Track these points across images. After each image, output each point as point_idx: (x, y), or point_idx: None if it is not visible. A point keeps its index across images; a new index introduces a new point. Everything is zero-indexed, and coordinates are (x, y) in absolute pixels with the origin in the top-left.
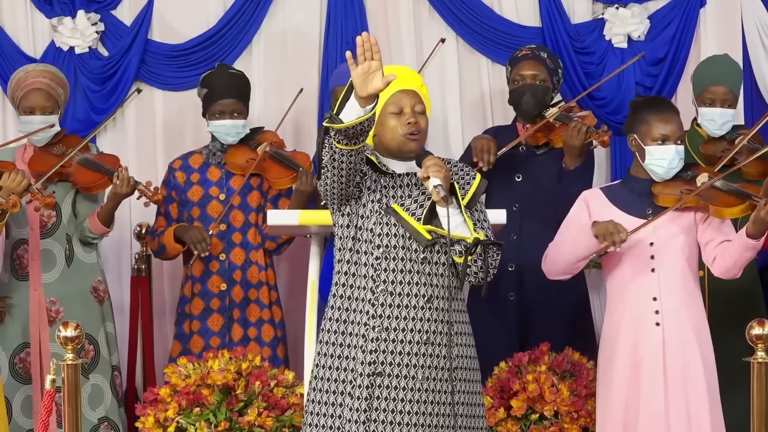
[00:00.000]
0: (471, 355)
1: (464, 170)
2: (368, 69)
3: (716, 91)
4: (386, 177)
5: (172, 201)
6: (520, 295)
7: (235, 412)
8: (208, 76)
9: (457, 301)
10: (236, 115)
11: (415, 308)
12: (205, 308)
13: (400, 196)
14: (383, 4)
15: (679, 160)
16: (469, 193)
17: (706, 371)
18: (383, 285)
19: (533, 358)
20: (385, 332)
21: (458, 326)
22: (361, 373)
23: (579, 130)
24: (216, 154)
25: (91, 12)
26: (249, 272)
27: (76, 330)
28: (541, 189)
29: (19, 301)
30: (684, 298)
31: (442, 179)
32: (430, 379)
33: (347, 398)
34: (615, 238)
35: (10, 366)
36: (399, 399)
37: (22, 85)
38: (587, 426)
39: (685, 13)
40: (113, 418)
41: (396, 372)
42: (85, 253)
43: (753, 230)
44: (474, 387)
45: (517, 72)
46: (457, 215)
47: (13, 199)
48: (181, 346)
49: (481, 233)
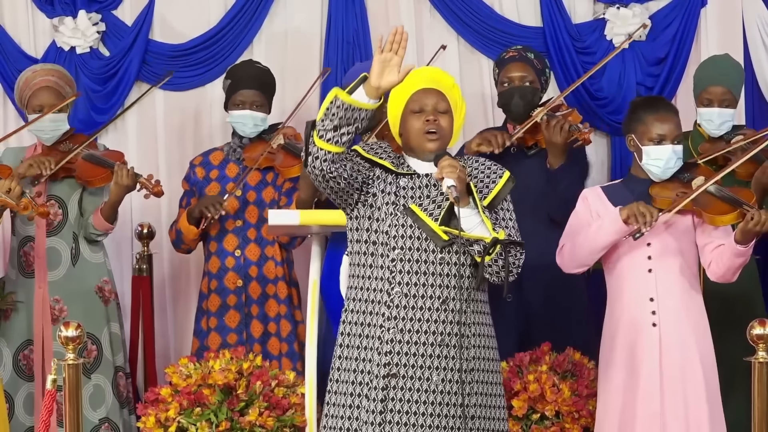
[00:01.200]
0: (490, 357)
1: (491, 168)
2: (389, 59)
3: (714, 91)
4: (405, 178)
5: (192, 195)
6: (520, 295)
7: (236, 412)
8: (234, 67)
9: (476, 302)
10: (256, 107)
11: (429, 310)
12: (221, 305)
13: (419, 197)
14: (384, 4)
15: (676, 160)
16: (493, 192)
17: (705, 372)
18: (398, 287)
19: (534, 357)
20: (399, 334)
21: (477, 327)
22: (376, 374)
23: (559, 127)
24: (236, 150)
25: (92, 12)
26: (265, 268)
27: (77, 330)
28: (532, 190)
29: (24, 299)
30: (683, 298)
31: (455, 180)
32: (446, 380)
33: (363, 400)
34: (647, 219)
35: (14, 363)
36: (413, 400)
37: (30, 84)
38: (588, 426)
39: (686, 13)
40: (114, 419)
41: (411, 373)
42: (92, 253)
43: (740, 238)
44: (493, 389)
45: (504, 74)
46: (474, 215)
47: (25, 202)
48: (199, 342)
49: (502, 233)
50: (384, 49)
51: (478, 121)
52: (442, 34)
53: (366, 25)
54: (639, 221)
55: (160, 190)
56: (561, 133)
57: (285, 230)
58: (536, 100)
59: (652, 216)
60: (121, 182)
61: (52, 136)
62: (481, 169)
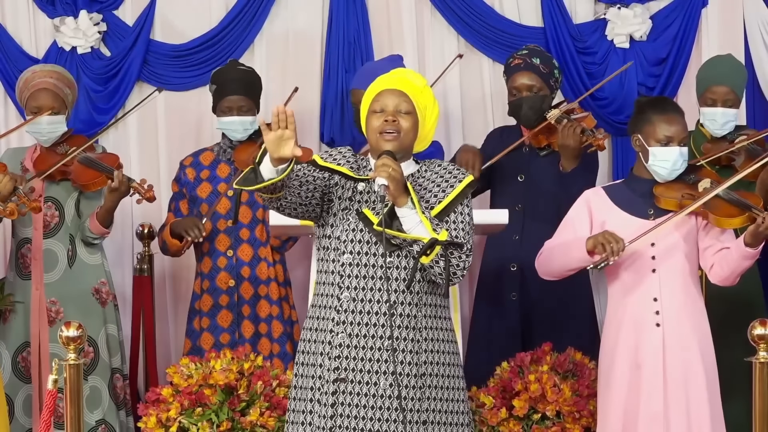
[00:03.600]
0: (449, 362)
1: (452, 173)
2: (281, 136)
3: (717, 91)
4: (364, 183)
5: (182, 197)
6: (523, 295)
7: (237, 412)
8: (217, 72)
9: (430, 306)
10: (244, 111)
11: (377, 314)
12: (213, 305)
13: (373, 201)
14: (385, 4)
15: (682, 162)
16: (450, 195)
17: (706, 372)
18: (347, 291)
19: (535, 357)
20: (348, 338)
21: (430, 332)
22: (327, 379)
23: (572, 130)
24: (226, 151)
25: (94, 12)
26: (258, 268)
27: (78, 330)
28: (543, 190)
29: (22, 300)
30: (685, 299)
31: (387, 178)
32: (395, 385)
33: (316, 405)
34: (614, 248)
35: (12, 365)
36: (362, 405)
37: (29, 85)
38: (589, 426)
39: (687, 13)
40: (111, 421)
41: (359, 378)
42: (89, 254)
43: (750, 241)
44: (453, 395)
45: (511, 84)
46: (412, 215)
47: (11, 207)
48: (192, 342)
49: (444, 234)
50: (272, 129)
51: (478, 121)
52: (442, 34)
53: (367, 26)
54: (606, 250)
55: (152, 196)
56: (573, 136)
57: (285, 230)
58: (546, 106)
59: (618, 245)
60: (114, 188)
61: (49, 137)
62: (441, 173)
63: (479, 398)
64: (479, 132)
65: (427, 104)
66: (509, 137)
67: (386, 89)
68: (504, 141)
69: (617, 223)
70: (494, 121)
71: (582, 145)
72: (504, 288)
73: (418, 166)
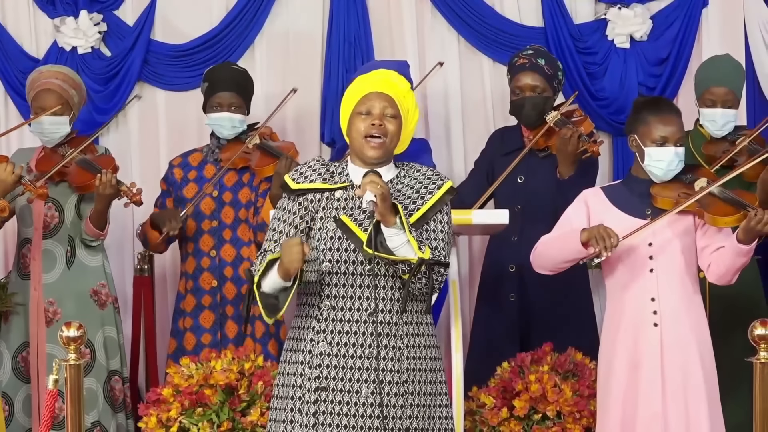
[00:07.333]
0: (429, 367)
1: (431, 179)
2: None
3: (717, 91)
4: (342, 190)
5: (168, 195)
6: (521, 295)
7: (237, 412)
8: (210, 70)
9: (411, 313)
10: (234, 108)
11: (357, 322)
12: (196, 305)
13: (351, 208)
14: (386, 4)
15: (678, 162)
16: (429, 202)
17: (705, 372)
18: (327, 300)
19: (536, 358)
20: (329, 347)
21: (412, 339)
22: (308, 388)
23: (570, 138)
24: (214, 152)
25: (94, 12)
26: (241, 268)
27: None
28: (542, 191)
29: (22, 300)
30: (683, 298)
31: (379, 196)
32: (377, 393)
33: (297, 414)
34: (606, 243)
35: (12, 364)
36: (344, 414)
37: (35, 86)
38: (590, 426)
39: (688, 14)
40: (105, 424)
41: (340, 386)
42: (89, 256)
43: (743, 237)
44: (434, 400)
45: (515, 83)
46: (400, 235)
47: (2, 204)
48: (177, 342)
49: (428, 251)
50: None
51: (478, 121)
52: (443, 35)
53: (368, 26)
54: (599, 245)
55: (139, 200)
56: (571, 143)
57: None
58: (547, 108)
59: (611, 240)
60: (102, 191)
61: (52, 138)
62: (420, 179)
63: (480, 398)
64: (479, 132)
65: (410, 108)
66: (510, 138)
67: (373, 92)
68: (505, 142)
69: (615, 222)
70: (494, 121)
71: (578, 150)
72: (503, 289)
73: (398, 171)
